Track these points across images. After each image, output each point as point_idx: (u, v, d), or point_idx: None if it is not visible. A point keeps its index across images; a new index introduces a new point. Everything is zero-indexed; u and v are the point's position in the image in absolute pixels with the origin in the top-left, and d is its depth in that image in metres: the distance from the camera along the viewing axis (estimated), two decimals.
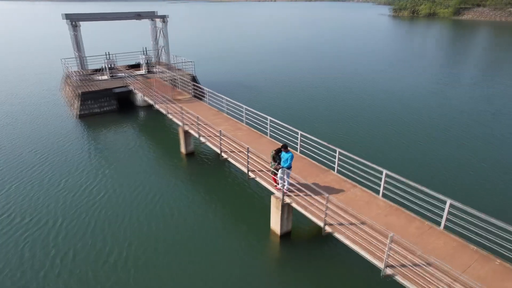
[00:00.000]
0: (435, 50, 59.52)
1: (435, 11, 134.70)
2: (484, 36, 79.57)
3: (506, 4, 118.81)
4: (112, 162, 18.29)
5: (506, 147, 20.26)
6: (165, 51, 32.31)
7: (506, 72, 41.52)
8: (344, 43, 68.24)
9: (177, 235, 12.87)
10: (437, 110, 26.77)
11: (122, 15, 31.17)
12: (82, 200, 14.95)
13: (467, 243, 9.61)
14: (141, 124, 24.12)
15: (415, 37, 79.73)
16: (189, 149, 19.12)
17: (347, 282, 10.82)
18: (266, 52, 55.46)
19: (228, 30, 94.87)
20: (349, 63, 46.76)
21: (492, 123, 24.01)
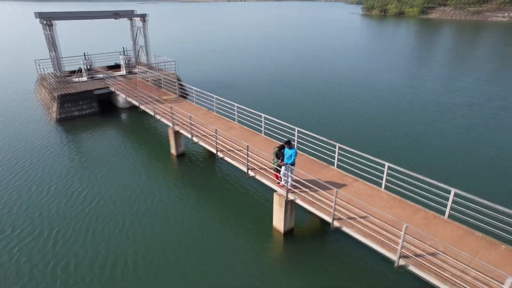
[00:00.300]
0: (411, 47, 61.55)
1: (403, 10, 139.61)
2: (449, 34, 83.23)
3: (465, 4, 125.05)
4: (100, 167, 17.49)
5: (495, 136, 21.22)
6: (144, 51, 31.38)
7: (472, 66, 43.55)
8: (323, 41, 69.19)
9: (178, 238, 12.46)
10: (423, 102, 27.64)
11: (99, 14, 29.96)
12: (75, 207, 14.18)
13: (472, 230, 9.88)
14: (126, 126, 23.27)
15: (389, 35, 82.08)
16: (179, 150, 18.62)
17: (356, 276, 10.85)
18: (246, 51, 55.26)
19: (204, 30, 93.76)
20: (330, 59, 47.41)
21: (477, 112, 25.11)
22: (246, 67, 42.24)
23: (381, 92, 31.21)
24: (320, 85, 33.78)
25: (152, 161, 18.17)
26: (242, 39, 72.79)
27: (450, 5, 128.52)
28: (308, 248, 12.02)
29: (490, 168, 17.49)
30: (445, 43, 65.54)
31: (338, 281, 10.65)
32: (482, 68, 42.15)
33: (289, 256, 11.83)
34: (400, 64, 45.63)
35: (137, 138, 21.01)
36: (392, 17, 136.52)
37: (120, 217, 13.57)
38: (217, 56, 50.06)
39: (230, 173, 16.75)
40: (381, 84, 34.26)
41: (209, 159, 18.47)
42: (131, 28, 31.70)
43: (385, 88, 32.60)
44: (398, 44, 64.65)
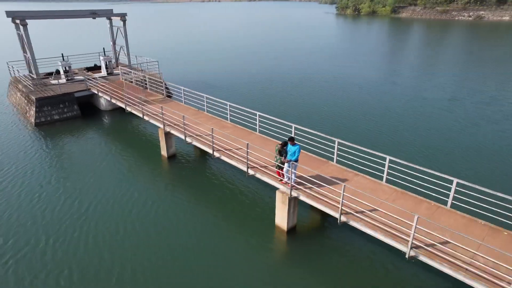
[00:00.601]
0: (388, 45, 63.18)
1: (375, 10, 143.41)
2: (421, 32, 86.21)
3: (433, 3, 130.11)
4: (88, 172, 16.73)
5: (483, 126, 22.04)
6: (125, 51, 30.40)
7: (445, 63, 45.28)
8: (303, 39, 69.75)
9: (179, 241, 12.08)
10: (407, 97, 28.36)
11: (76, 13, 28.74)
12: (68, 213, 13.50)
13: (475, 219, 10.15)
14: (111, 129, 22.43)
15: (366, 33, 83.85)
16: (170, 151, 18.13)
17: (365, 269, 10.89)
18: (228, 51, 54.83)
19: (183, 30, 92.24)
20: (313, 57, 47.84)
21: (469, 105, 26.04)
22: (231, 67, 41.90)
23: (366, 88, 31.79)
24: (305, 82, 33.98)
25: (142, 163, 17.57)
26: (222, 39, 72.25)
27: (420, 4, 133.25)
28: (313, 245, 11.97)
29: (485, 156, 18.12)
30: (419, 41, 67.82)
31: (347, 276, 10.65)
32: (454, 65, 43.87)
33: (294, 254, 11.72)
34: (381, 61, 46.74)
35: (124, 141, 20.29)
36: (366, 16, 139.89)
37: (117, 222, 13.01)
38: (199, 56, 49.39)
39: (226, 173, 16.47)
40: (364, 80, 34.91)
41: (202, 159, 18.10)
42: (110, 28, 30.64)
43: (369, 85, 33.23)
44: (376, 42, 66.24)
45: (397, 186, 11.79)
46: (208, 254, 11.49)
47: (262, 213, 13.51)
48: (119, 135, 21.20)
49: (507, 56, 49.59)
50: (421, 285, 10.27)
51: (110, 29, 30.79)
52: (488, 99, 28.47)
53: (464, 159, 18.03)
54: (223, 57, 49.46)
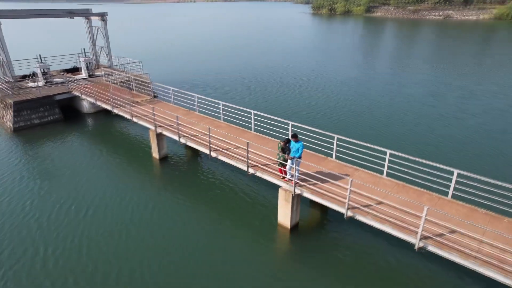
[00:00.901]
0: (366, 43, 64.60)
1: (350, 9, 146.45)
2: (395, 30, 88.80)
3: (405, 3, 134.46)
4: (77, 178, 16.01)
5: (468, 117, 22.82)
6: (106, 52, 29.43)
7: (420, 61, 46.85)
8: (283, 38, 70.06)
9: (180, 243, 11.75)
10: (391, 93, 29.02)
11: (51, 13, 27.59)
12: (59, 221, 12.84)
13: (476, 208, 10.45)
14: (96, 132, 21.60)
15: (344, 32, 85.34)
16: (162, 153, 17.67)
17: (372, 262, 10.96)
18: (209, 50, 54.27)
19: (162, 30, 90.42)
20: (295, 56, 48.13)
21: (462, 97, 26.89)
22: (215, 66, 41.45)
23: (351, 85, 32.31)
24: (291, 80, 34.12)
25: (134, 167, 17.02)
26: (204, 39, 71.42)
27: (392, 4, 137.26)
28: (317, 241, 11.96)
29: (471, 147, 18.77)
30: (395, 40, 69.78)
31: (353, 271, 10.68)
32: (430, 62, 45.42)
33: (299, 251, 11.66)
34: (362, 59, 47.71)
35: (112, 144, 19.59)
36: (341, 15, 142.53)
37: (114, 228, 12.49)
38: (183, 56, 48.69)
39: (223, 173, 16.22)
40: (349, 78, 35.49)
41: (195, 160, 17.76)
42: (89, 28, 29.57)
43: (354, 82, 33.80)
44: (356, 41, 67.58)
45: (398, 180, 11.98)
46: (211, 255, 11.25)
47: (264, 212, 13.38)
48: (106, 139, 20.45)
49: (478, 53, 51.88)
50: (430, 276, 10.45)
51: (88, 29, 29.73)
52: (467, 93, 29.59)
53: (453, 150, 18.61)
54: (207, 56, 48.97)
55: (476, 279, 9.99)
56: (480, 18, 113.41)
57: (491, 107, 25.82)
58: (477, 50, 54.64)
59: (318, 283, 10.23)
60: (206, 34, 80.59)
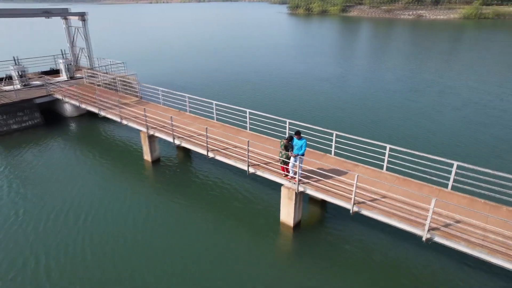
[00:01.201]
0: (347, 42, 65.70)
1: (326, 9, 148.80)
2: (372, 29, 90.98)
3: (378, 3, 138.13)
4: (65, 184, 15.31)
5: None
6: (85, 53, 28.39)
7: (396, 58, 48.21)
8: (263, 38, 70.10)
9: (181, 247, 11.46)
10: (375, 89, 29.59)
11: (26, 12, 26.32)
12: (55, 229, 12.27)
13: (475, 198, 10.77)
14: (82, 137, 20.76)
15: (323, 31, 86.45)
16: (155, 155, 17.21)
17: (377, 258, 11.06)
18: (192, 51, 53.63)
19: (141, 31, 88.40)
20: (279, 54, 48.25)
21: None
22: (200, 66, 40.92)
23: (336, 83, 32.71)
24: (278, 78, 34.17)
25: (126, 171, 16.47)
26: (184, 39, 70.36)
27: (366, 4, 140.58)
28: (320, 238, 11.96)
29: (471, 138, 19.39)
30: (373, 38, 71.51)
31: (361, 266, 10.75)
32: (407, 59, 46.80)
33: (304, 249, 11.62)
34: (342, 57, 48.46)
35: (101, 148, 18.87)
36: (317, 15, 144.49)
37: (113, 234, 12.02)
38: (165, 57, 47.87)
39: (220, 173, 15.97)
40: (333, 75, 35.93)
41: (188, 161, 17.41)
42: (67, 29, 28.42)
43: (338, 79, 34.24)
44: (335, 39, 68.65)
45: (398, 174, 12.18)
46: (213, 257, 11.03)
47: (265, 211, 13.27)
48: (93, 142, 19.68)
49: (450, 51, 53.92)
50: (437, 268, 10.65)
51: (66, 30, 28.58)
52: (445, 88, 30.64)
53: (444, 142, 19.17)
54: (191, 57, 48.44)
55: (482, 267, 10.29)
56: (449, 18, 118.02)
57: (471, 101, 26.84)
58: (453, 47, 56.77)
59: (325, 280, 10.22)
60: (188, 35, 79.57)
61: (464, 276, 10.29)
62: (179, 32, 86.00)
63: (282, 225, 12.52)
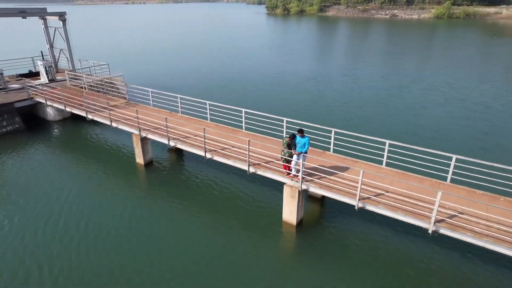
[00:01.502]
0: (329, 40, 66.54)
1: (304, 9, 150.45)
2: (350, 29, 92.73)
3: (354, 3, 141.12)
4: (58, 191, 14.64)
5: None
6: (66, 55, 27.33)
7: (375, 56, 49.37)
8: (246, 38, 69.94)
9: (183, 249, 11.18)
10: (361, 88, 30.07)
11: (1, 12, 25.00)
12: (51, 238, 11.66)
13: (473, 190, 11.10)
14: (68, 141, 19.92)
15: (303, 31, 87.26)
16: (147, 158, 16.76)
17: (385, 252, 11.18)
18: (176, 51, 52.73)
19: (122, 32, 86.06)
20: (264, 53, 48.25)
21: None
22: (186, 66, 40.27)
23: (321, 81, 33.05)
24: (261, 78, 34.16)
25: (118, 174, 15.94)
26: (165, 39, 69.07)
27: (343, 4, 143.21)
28: (325, 236, 11.97)
29: (467, 132, 19.98)
30: (352, 37, 72.86)
31: (365, 261, 10.84)
32: (386, 57, 48.00)
33: (309, 246, 11.59)
34: (325, 56, 49.05)
35: (89, 153, 18.17)
36: (295, 15, 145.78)
37: (111, 241, 11.57)
38: (149, 58, 46.80)
39: (216, 174, 15.72)
40: (319, 74, 36.28)
41: (182, 163, 17.07)
42: (45, 29, 27.27)
43: (322, 77, 34.61)
44: (317, 39, 69.40)
45: (398, 168, 12.39)
46: (217, 259, 10.81)
47: (266, 211, 13.17)
48: (81, 147, 18.93)
49: (428, 48, 55.70)
50: (443, 260, 10.87)
51: (45, 31, 27.42)
52: (427, 85, 31.60)
53: (437, 135, 19.73)
54: (175, 57, 47.69)
55: (486, 257, 10.59)
56: (422, 17, 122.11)
57: (453, 97, 27.79)
58: (430, 45, 58.62)
59: (332, 276, 10.22)
60: (170, 35, 78.16)
61: (469, 266, 10.49)
62: (161, 33, 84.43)
63: (284, 224, 12.46)
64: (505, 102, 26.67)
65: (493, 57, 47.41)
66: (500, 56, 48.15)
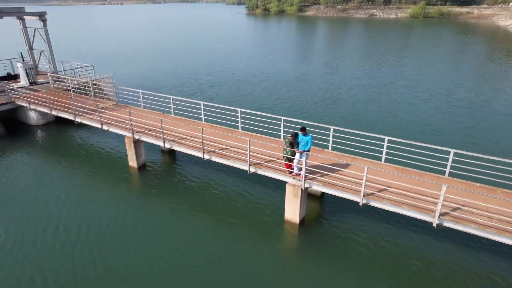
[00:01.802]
0: (311, 40, 67.10)
1: (283, 9, 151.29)
2: (331, 28, 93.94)
3: (333, 2, 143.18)
4: (48, 197, 14.03)
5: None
6: (47, 56, 26.29)
7: (359, 55, 50.28)
8: (230, 37, 69.53)
9: (183, 253, 10.95)
10: (349, 84, 30.44)
11: None
12: (46, 245, 11.19)
13: (471, 183, 11.40)
14: (54, 146, 19.10)
15: (285, 30, 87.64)
16: (141, 161, 16.34)
17: (390, 248, 11.30)
18: (161, 51, 51.70)
19: (100, 33, 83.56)
20: (249, 53, 48.10)
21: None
22: (173, 66, 39.56)
23: (312, 80, 33.27)
24: (248, 77, 34.05)
25: (111, 179, 15.44)
26: (147, 40, 67.67)
27: (322, 3, 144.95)
28: (328, 233, 11.99)
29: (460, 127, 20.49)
30: (333, 37, 73.81)
31: (372, 256, 10.93)
32: (368, 55, 48.93)
33: (313, 244, 11.58)
34: (309, 55, 49.42)
35: (79, 158, 17.49)
36: (275, 15, 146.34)
37: (113, 247, 11.18)
38: (134, 59, 45.70)
39: (214, 175, 15.50)
40: (306, 73, 36.52)
41: (177, 165, 16.73)
42: (24, 30, 26.13)
43: (313, 76, 34.87)
44: (299, 38, 69.83)
45: (396, 164, 12.57)
46: (219, 260, 10.68)
47: (268, 210, 13.08)
48: (69, 152, 18.19)
49: (407, 47, 57.15)
50: (449, 253, 11.08)
51: (23, 31, 26.27)
52: (412, 82, 32.37)
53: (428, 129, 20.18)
54: (161, 57, 46.81)
55: (489, 248, 10.88)
56: (399, 16, 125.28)
57: (437, 92, 28.58)
58: (409, 43, 60.13)
59: (338, 274, 10.25)
60: (152, 36, 76.47)
61: (472, 258, 10.72)
62: (143, 33, 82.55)
63: (287, 223, 12.41)
64: (487, 98, 27.66)
65: (470, 54, 49.17)
66: (477, 53, 49.97)
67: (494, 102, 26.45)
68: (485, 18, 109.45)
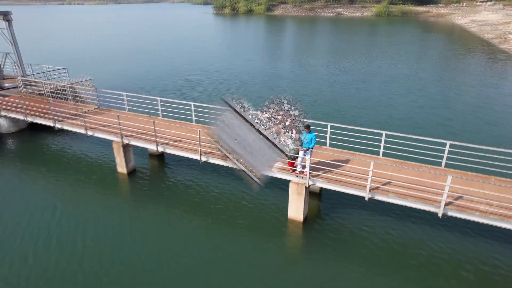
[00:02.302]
0: (281, 39, 67.54)
1: (252, 8, 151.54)
2: (300, 27, 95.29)
3: (301, 1, 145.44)
4: (33, 210, 13.05)
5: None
6: (13, 59, 24.51)
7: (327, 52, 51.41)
8: (203, 38, 68.40)
9: (184, 256, 10.60)
10: (325, 81, 30.89)
11: None
12: (43, 255, 10.31)
13: (466, 172, 11.89)
14: (30, 155, 17.80)
15: (257, 30, 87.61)
16: (130, 166, 15.63)
17: (396, 243, 11.49)
18: (135, 52, 49.79)
19: (68, 35, 79.16)
20: (229, 52, 47.56)
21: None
22: (151, 67, 38.21)
23: (293, 78, 33.44)
24: (228, 77, 33.71)
25: (100, 186, 14.63)
26: (120, 41, 64.99)
27: (289, 2, 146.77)
28: (333, 230, 12.01)
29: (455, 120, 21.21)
30: (304, 35, 74.86)
31: (377, 251, 11.08)
32: (343, 52, 50.12)
33: (318, 242, 11.55)
34: (283, 55, 49.77)
35: (60, 166, 16.37)
36: (244, 15, 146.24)
37: (112, 259, 10.57)
38: (109, 60, 43.68)
39: (210, 177, 15.11)
40: (284, 72, 36.68)
41: (168, 168, 16.17)
42: None
43: (291, 75, 35.07)
44: (271, 38, 70.10)
45: (394, 158, 12.86)
46: (223, 261, 10.46)
47: (270, 210, 12.94)
48: (48, 161, 17.00)
49: (376, 44, 59.11)
50: (456, 243, 11.45)
51: None
52: (387, 78, 33.47)
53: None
54: (136, 58, 45.07)
55: (491, 235, 11.31)
56: (364, 15, 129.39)
57: (413, 87, 29.73)
58: (377, 41, 62.18)
59: (346, 269, 10.31)
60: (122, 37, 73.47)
61: (477, 245, 11.07)
62: (112, 34, 79.09)
63: (291, 222, 12.33)
64: (459, 91, 29.13)
65: (435, 50, 51.66)
66: (441, 49, 52.59)
67: (465, 95, 27.91)
68: (443, 17, 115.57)
